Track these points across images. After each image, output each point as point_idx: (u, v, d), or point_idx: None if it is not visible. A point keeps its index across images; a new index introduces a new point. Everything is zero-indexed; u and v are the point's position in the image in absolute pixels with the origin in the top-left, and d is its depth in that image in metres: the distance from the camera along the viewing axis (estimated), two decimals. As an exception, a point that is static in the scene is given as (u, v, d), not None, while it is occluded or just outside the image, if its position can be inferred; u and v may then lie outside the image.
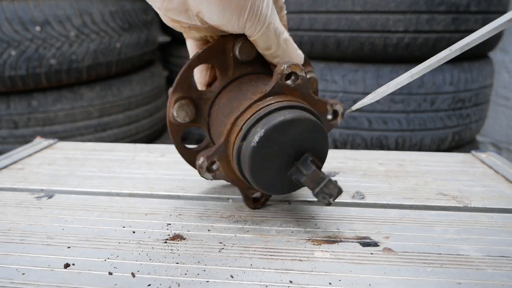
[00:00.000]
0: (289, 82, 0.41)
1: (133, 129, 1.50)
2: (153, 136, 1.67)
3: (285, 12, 0.46)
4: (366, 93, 1.31)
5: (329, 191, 0.38)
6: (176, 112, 0.45)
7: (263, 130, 0.37)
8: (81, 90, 1.34)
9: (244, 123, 0.39)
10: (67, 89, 1.32)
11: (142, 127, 1.54)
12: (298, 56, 0.45)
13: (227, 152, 0.42)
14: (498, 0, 1.29)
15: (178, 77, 0.43)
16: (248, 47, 0.43)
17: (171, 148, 0.73)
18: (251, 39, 0.42)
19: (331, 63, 1.36)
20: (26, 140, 1.26)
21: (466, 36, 0.38)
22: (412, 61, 1.32)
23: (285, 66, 0.40)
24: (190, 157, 0.50)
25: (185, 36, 0.46)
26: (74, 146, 0.75)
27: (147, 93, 1.56)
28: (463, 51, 0.39)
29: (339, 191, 0.39)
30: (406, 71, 1.34)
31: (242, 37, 0.43)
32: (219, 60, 0.44)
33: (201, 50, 0.43)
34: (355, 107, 0.45)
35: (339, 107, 0.46)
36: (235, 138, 0.40)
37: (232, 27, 0.40)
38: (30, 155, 0.70)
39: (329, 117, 0.47)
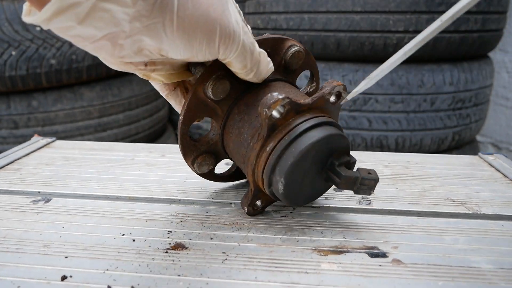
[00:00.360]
0: (276, 115, 0.39)
1: (133, 129, 1.49)
2: (153, 136, 1.67)
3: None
4: (366, 93, 1.30)
5: (366, 186, 0.40)
6: (199, 170, 0.48)
7: (282, 178, 0.39)
8: (81, 90, 1.34)
9: (262, 174, 0.41)
10: (67, 89, 1.32)
11: (142, 127, 1.54)
12: (269, 64, 0.42)
13: (260, 191, 0.45)
14: (498, 0, 1.29)
15: (180, 146, 0.45)
16: (219, 86, 0.41)
17: (171, 148, 0.72)
18: (225, 61, 0.38)
19: (331, 63, 1.36)
20: (26, 140, 1.25)
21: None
22: (412, 61, 1.31)
23: (266, 110, 0.38)
24: (227, 179, 0.54)
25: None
26: (72, 145, 0.73)
27: (147, 93, 1.56)
28: (454, 19, 0.37)
29: (376, 182, 0.40)
30: (406, 70, 1.33)
31: (207, 79, 0.41)
32: (202, 110, 0.44)
33: (182, 116, 0.43)
34: (350, 96, 0.43)
35: (338, 88, 0.43)
36: (263, 185, 0.43)
37: (203, 56, 0.35)
38: (27, 154, 0.68)
39: (333, 99, 0.43)
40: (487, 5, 1.26)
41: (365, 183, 0.40)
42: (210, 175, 0.51)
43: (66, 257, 0.38)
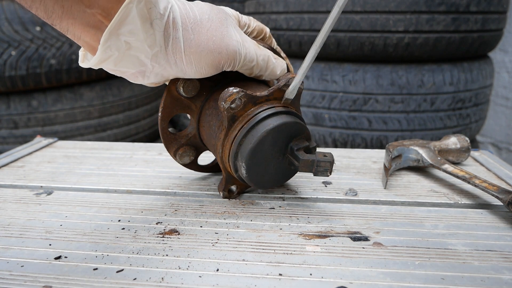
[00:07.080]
0: (234, 106, 0.43)
1: (133, 129, 1.50)
2: (153, 136, 1.68)
3: (254, 25, 0.48)
4: (366, 93, 1.32)
5: (323, 168, 0.43)
6: (181, 161, 0.53)
7: (243, 163, 0.43)
8: (81, 90, 1.34)
9: (228, 160, 0.46)
10: (67, 89, 1.32)
11: (142, 127, 1.55)
12: (278, 66, 0.48)
13: (233, 177, 0.49)
14: (498, 0, 1.29)
15: (162, 139, 0.50)
16: (189, 84, 0.47)
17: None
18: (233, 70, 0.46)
19: (331, 63, 1.36)
20: (26, 140, 1.26)
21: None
22: (412, 61, 1.32)
23: (223, 103, 0.42)
24: (210, 170, 0.58)
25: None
26: (73, 145, 0.76)
27: (147, 93, 1.57)
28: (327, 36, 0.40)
29: (331, 163, 0.44)
30: (406, 71, 1.34)
31: (178, 79, 0.46)
32: (178, 107, 0.49)
33: (160, 113, 0.48)
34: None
35: (286, 78, 0.46)
36: (231, 171, 0.47)
37: (211, 74, 0.44)
38: (30, 153, 0.71)
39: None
40: (487, 5, 1.26)
41: (321, 165, 0.43)
42: (194, 166, 0.55)
43: (66, 241, 0.40)
